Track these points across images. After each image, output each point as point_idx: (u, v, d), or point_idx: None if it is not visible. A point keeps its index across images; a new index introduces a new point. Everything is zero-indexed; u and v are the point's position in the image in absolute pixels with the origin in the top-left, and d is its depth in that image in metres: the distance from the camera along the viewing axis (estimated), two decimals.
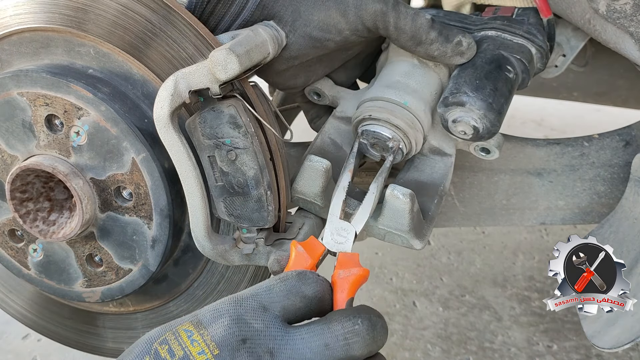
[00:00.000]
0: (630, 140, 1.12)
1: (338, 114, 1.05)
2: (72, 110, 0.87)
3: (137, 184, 0.89)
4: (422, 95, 0.97)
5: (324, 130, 1.04)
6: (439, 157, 1.02)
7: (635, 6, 0.91)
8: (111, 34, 0.87)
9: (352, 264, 0.78)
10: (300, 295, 0.70)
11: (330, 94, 1.05)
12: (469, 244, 2.30)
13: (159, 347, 0.65)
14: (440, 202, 0.99)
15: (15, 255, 1.00)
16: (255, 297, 0.69)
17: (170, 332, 0.66)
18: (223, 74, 0.77)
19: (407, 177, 1.01)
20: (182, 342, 0.65)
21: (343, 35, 0.91)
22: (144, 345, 0.66)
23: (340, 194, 0.87)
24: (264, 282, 0.71)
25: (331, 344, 0.66)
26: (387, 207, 0.90)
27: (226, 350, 0.64)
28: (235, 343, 0.65)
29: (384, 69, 1.01)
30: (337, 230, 0.84)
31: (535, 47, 0.98)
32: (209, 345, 0.64)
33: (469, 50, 0.92)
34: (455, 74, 0.94)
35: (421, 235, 0.93)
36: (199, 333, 0.65)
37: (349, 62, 1.03)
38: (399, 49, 0.97)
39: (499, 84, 0.92)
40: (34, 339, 1.82)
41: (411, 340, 1.83)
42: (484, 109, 0.90)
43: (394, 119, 0.95)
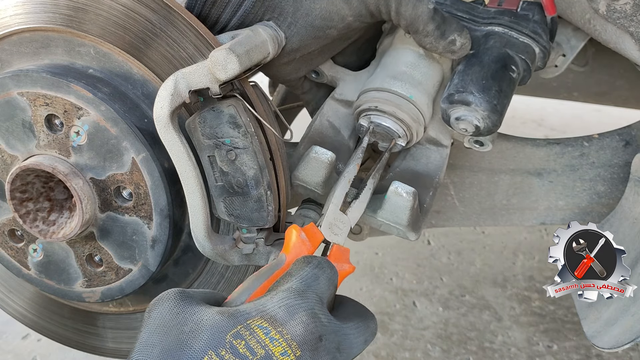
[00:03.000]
0: (630, 140, 1.12)
1: (337, 97, 1.05)
2: (72, 110, 0.87)
3: (137, 184, 0.89)
4: (426, 87, 0.97)
5: (323, 112, 1.04)
6: (435, 148, 1.02)
7: (635, 6, 0.91)
8: (111, 34, 0.87)
9: (344, 259, 0.80)
10: (335, 283, 0.71)
11: (330, 74, 1.05)
12: (469, 244, 2.30)
13: (234, 340, 0.61)
14: (435, 194, 0.99)
15: (15, 255, 1.00)
16: (311, 288, 0.67)
17: (242, 325, 0.62)
18: (223, 73, 0.77)
19: (403, 165, 1.02)
20: (260, 339, 0.62)
21: (346, 21, 0.91)
22: (214, 334, 0.61)
23: (344, 185, 0.88)
24: (299, 271, 0.69)
25: (368, 340, 0.71)
26: (389, 202, 0.91)
27: (307, 351, 0.63)
28: (314, 342, 0.63)
29: (388, 55, 1.00)
30: (335, 221, 0.85)
31: (540, 47, 0.98)
32: (291, 346, 0.62)
33: (461, 50, 0.92)
34: (461, 69, 0.94)
35: (417, 227, 0.94)
36: (277, 331, 0.62)
37: (347, 47, 1.03)
38: (405, 36, 0.97)
39: (504, 85, 0.92)
40: (34, 339, 1.81)
41: (411, 340, 1.83)
42: (489, 111, 0.90)
43: (400, 112, 0.95)
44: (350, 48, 1.03)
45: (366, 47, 1.07)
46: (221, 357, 0.60)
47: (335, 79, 1.05)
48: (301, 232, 0.79)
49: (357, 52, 1.06)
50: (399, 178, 0.99)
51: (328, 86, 1.08)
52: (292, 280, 0.68)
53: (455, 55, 0.92)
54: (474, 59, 0.94)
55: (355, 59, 1.07)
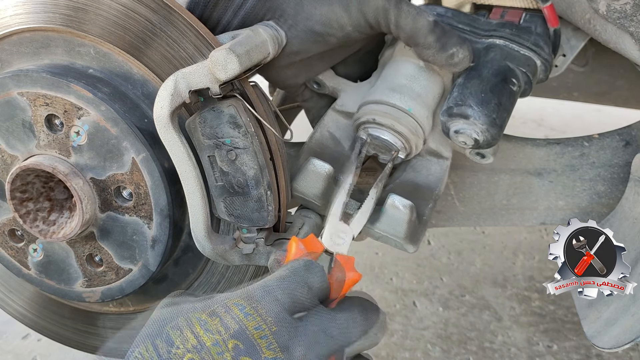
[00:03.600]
0: (630, 140, 1.12)
1: (338, 108, 1.05)
2: (72, 110, 0.87)
3: (137, 184, 0.89)
4: (425, 100, 0.97)
5: (323, 123, 1.04)
6: (436, 159, 1.02)
7: (635, 6, 0.91)
8: (111, 34, 0.87)
9: (349, 267, 0.79)
10: (308, 286, 0.70)
11: (331, 85, 1.05)
12: (469, 244, 2.30)
13: (208, 318, 0.64)
14: (434, 206, 0.99)
15: (15, 255, 1.00)
16: (296, 275, 0.69)
17: (219, 304, 0.65)
18: (223, 73, 0.77)
19: (404, 177, 1.01)
20: (235, 315, 0.64)
21: (345, 31, 0.90)
22: (188, 313, 0.64)
23: (342, 196, 0.88)
24: (287, 264, 0.71)
25: (369, 332, 0.70)
26: (386, 214, 0.91)
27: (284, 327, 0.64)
28: (293, 320, 0.65)
29: (389, 67, 1.00)
30: (336, 232, 0.84)
31: (541, 60, 0.98)
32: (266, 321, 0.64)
33: (461, 63, 0.91)
34: (461, 82, 0.94)
35: (415, 240, 0.94)
36: (251, 307, 0.64)
37: (348, 58, 1.03)
38: (405, 48, 0.97)
39: (503, 99, 0.92)
40: (34, 339, 1.82)
41: (411, 340, 1.83)
42: (487, 124, 0.90)
43: (398, 125, 0.95)
44: (351, 59, 1.03)
45: (368, 58, 1.06)
46: (196, 333, 0.62)
47: (336, 90, 1.05)
48: (299, 243, 0.79)
49: (359, 63, 1.06)
50: (399, 189, 0.99)
51: (329, 95, 1.08)
52: (279, 270, 0.70)
53: (455, 68, 0.92)
54: (474, 72, 0.94)
55: (356, 70, 1.07)
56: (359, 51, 1.02)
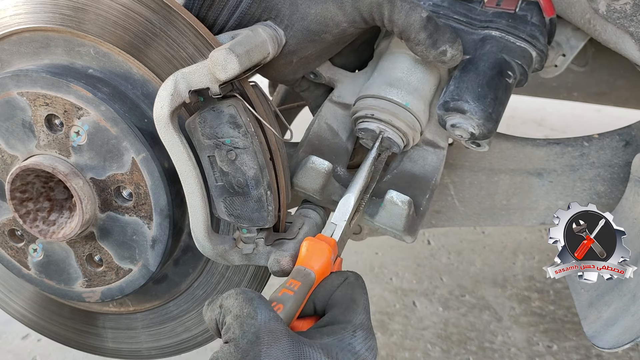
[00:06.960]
0: (630, 140, 1.12)
1: (335, 99, 1.05)
2: (72, 110, 0.87)
3: (137, 184, 0.89)
4: (422, 93, 0.97)
5: (321, 115, 1.04)
6: (432, 149, 1.02)
7: (635, 6, 0.91)
8: (111, 33, 0.87)
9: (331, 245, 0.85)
10: None
11: (327, 75, 1.05)
12: (469, 244, 2.30)
13: None
14: (431, 197, 1.00)
15: (15, 255, 1.00)
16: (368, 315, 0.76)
17: None
18: (223, 73, 0.77)
19: (401, 167, 1.02)
20: None
21: (341, 27, 0.91)
22: None
23: (351, 200, 0.89)
24: (360, 297, 0.77)
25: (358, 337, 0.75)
26: (385, 209, 0.92)
27: None
28: None
29: (385, 59, 1.00)
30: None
31: (537, 51, 0.98)
32: None
33: (451, 61, 0.91)
34: (457, 75, 0.94)
35: (413, 231, 0.95)
36: None
37: (344, 49, 1.03)
38: (400, 41, 0.97)
39: (499, 92, 0.92)
40: (34, 339, 1.82)
41: (411, 340, 1.83)
42: (484, 119, 0.91)
43: (396, 120, 0.95)
44: (347, 49, 1.03)
45: (364, 48, 1.07)
46: None
47: (333, 80, 1.05)
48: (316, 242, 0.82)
49: (355, 53, 1.06)
50: (396, 180, 0.99)
51: (326, 84, 1.08)
52: (361, 313, 0.75)
53: (445, 65, 0.92)
54: (470, 64, 0.94)
55: (353, 60, 1.07)
56: (355, 41, 1.02)
